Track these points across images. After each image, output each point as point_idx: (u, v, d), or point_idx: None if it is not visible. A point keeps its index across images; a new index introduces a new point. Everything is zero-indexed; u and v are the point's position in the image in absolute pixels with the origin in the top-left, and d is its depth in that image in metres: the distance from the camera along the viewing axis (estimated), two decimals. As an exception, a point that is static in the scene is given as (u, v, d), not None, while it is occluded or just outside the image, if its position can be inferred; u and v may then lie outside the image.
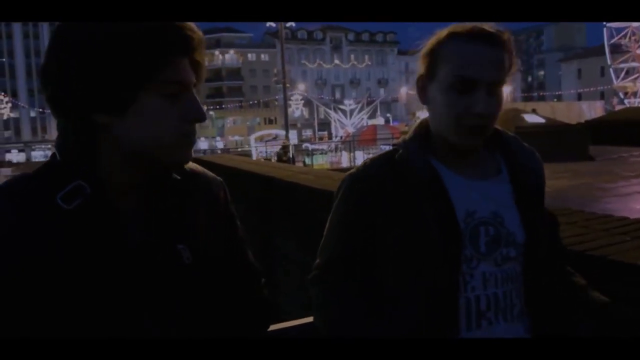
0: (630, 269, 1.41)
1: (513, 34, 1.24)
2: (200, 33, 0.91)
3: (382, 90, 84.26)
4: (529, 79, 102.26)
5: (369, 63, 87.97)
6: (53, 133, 68.60)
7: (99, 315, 0.88)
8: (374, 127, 36.94)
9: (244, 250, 1.17)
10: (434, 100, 1.24)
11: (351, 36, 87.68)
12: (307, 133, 69.00)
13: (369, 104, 47.24)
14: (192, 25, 0.90)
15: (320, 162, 22.66)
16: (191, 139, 0.95)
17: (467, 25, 1.22)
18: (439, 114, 1.24)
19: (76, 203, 0.88)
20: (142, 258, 0.93)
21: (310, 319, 1.38)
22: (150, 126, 0.90)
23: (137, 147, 0.91)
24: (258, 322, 1.18)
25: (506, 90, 1.26)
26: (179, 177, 1.01)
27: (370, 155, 1.36)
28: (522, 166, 1.29)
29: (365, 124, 40.75)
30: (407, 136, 1.31)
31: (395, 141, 1.33)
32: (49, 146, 68.41)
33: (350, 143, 23.45)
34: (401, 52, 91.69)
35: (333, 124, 46.84)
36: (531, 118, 16.70)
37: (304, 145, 31.40)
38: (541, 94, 79.94)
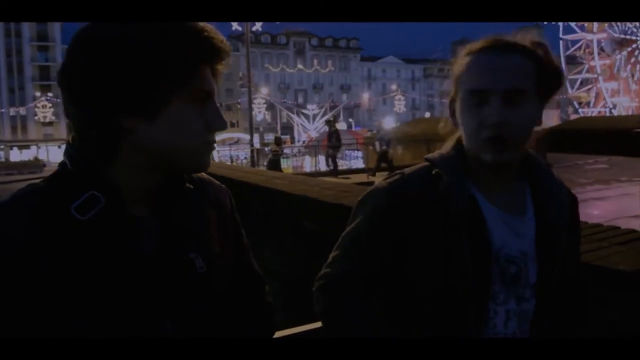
0: (615, 274, 1.48)
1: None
2: (228, 44, 0.92)
3: (344, 96, 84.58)
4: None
5: (332, 68, 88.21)
6: (32, 133, 66.12)
7: (117, 324, 0.87)
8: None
9: (248, 257, 1.17)
10: (459, 120, 1.20)
11: (314, 41, 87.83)
12: (270, 137, 68.75)
13: (331, 109, 47.45)
14: (221, 35, 0.90)
15: (284, 166, 22.58)
16: (212, 147, 0.95)
17: (483, 40, 1.18)
18: (463, 133, 1.19)
19: (91, 213, 0.86)
20: (157, 266, 0.92)
21: (316, 325, 1.38)
22: (177, 132, 0.89)
23: (161, 153, 0.90)
24: (263, 328, 1.18)
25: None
26: (191, 185, 1.01)
27: (405, 170, 1.26)
28: (548, 204, 1.22)
29: (327, 129, 40.82)
30: (444, 151, 1.25)
31: (429, 156, 1.25)
32: (28, 144, 65.97)
33: (315, 148, 23.45)
34: (364, 59, 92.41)
35: (296, 128, 46.84)
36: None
37: (267, 149, 31.29)
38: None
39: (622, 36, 46.37)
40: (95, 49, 0.85)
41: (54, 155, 64.87)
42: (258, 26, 32.84)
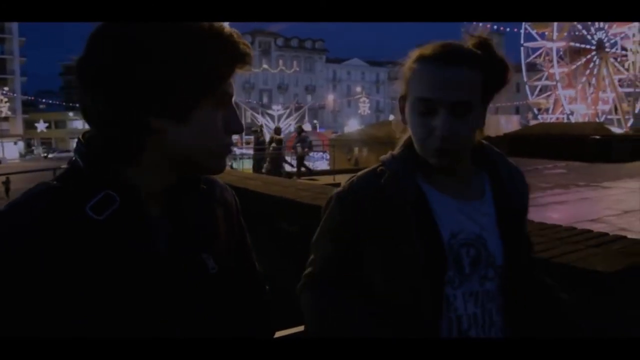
0: (594, 275, 1.55)
1: None
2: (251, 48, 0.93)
3: (309, 97, 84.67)
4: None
5: (297, 69, 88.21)
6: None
7: (131, 324, 0.86)
8: (302, 133, 37.02)
9: (252, 257, 1.18)
10: (408, 121, 1.25)
11: (280, 41, 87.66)
12: (234, 137, 68.14)
13: (297, 109, 47.44)
14: (245, 40, 0.91)
15: (248, 166, 22.42)
16: (230, 150, 0.97)
17: (435, 46, 1.21)
18: (412, 135, 1.25)
19: (107, 213, 0.85)
20: (171, 267, 0.92)
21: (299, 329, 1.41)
22: (203, 134, 0.89)
23: (185, 155, 0.90)
24: (263, 328, 1.19)
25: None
26: (204, 186, 1.02)
27: (357, 174, 1.34)
28: (507, 188, 1.29)
29: (292, 130, 40.80)
30: (394, 152, 1.31)
31: (382, 157, 1.32)
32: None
33: (283, 149, 23.36)
34: (329, 60, 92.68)
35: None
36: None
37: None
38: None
39: (580, 45, 47.87)
40: (133, 48, 0.83)
41: (9, 151, 62.90)
42: (224, 25, 32.45)
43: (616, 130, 24.24)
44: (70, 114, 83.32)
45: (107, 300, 0.84)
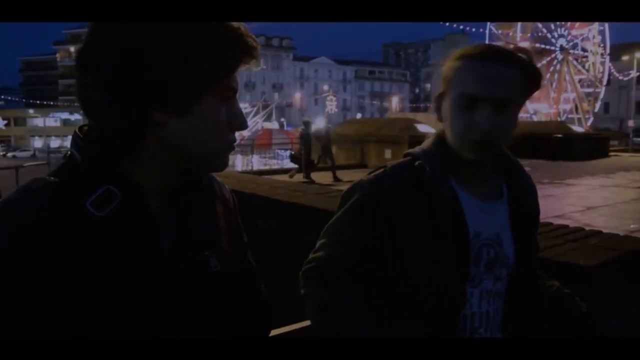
0: (573, 268, 1.59)
1: (402, 47, 1.31)
2: (259, 43, 0.91)
3: (277, 95, 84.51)
4: (417, 90, 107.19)
5: (265, 67, 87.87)
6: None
7: (135, 322, 0.84)
8: (270, 131, 37.06)
9: (249, 256, 1.17)
10: (446, 117, 1.29)
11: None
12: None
13: (264, 107, 47.27)
14: (252, 34, 0.90)
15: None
16: (233, 147, 0.94)
17: (478, 46, 1.27)
18: (450, 130, 1.28)
19: (109, 209, 0.82)
20: (174, 264, 0.90)
21: (299, 325, 1.39)
22: (206, 129, 0.87)
23: (187, 149, 0.88)
24: (261, 326, 1.18)
25: (394, 100, 1.36)
26: (205, 183, 1.00)
27: (388, 164, 1.35)
28: (522, 191, 1.35)
29: (260, 128, 40.70)
30: (425, 146, 1.34)
31: (411, 150, 1.35)
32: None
33: (250, 147, 23.27)
34: (297, 58, 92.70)
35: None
36: (423, 128, 17.57)
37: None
38: (427, 105, 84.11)
39: (542, 46, 48.96)
40: (137, 39, 0.81)
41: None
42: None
43: (577, 129, 24.86)
44: (31, 111, 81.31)
45: (109, 298, 0.82)
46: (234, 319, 1.02)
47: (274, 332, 1.36)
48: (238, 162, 22.94)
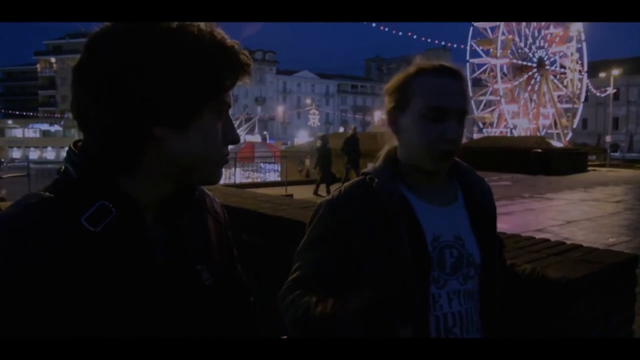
0: (555, 282, 1.61)
1: (384, 62, 1.38)
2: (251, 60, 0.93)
3: (259, 108, 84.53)
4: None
5: (250, 84, 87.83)
6: None
7: (128, 335, 0.83)
8: (252, 144, 36.97)
9: (239, 269, 1.18)
10: (406, 130, 1.35)
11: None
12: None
13: (247, 121, 47.23)
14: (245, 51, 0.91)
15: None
16: (226, 160, 0.96)
17: (431, 62, 1.35)
18: (411, 142, 1.34)
19: (104, 224, 0.82)
20: (167, 278, 0.90)
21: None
22: (204, 143, 0.89)
23: (185, 163, 0.89)
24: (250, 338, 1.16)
25: (377, 114, 1.42)
26: (197, 197, 1.01)
27: (345, 184, 1.46)
28: (477, 193, 1.42)
29: (242, 141, 40.63)
30: (377, 164, 1.42)
31: (365, 170, 1.43)
32: None
33: (233, 160, 23.18)
34: (279, 72, 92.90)
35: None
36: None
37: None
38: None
39: (522, 62, 49.75)
40: (138, 54, 0.82)
41: None
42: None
43: (556, 144, 25.26)
44: (9, 121, 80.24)
45: (103, 311, 0.82)
46: (224, 332, 1.02)
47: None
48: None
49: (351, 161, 13.89)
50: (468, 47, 49.82)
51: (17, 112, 71.42)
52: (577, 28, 49.01)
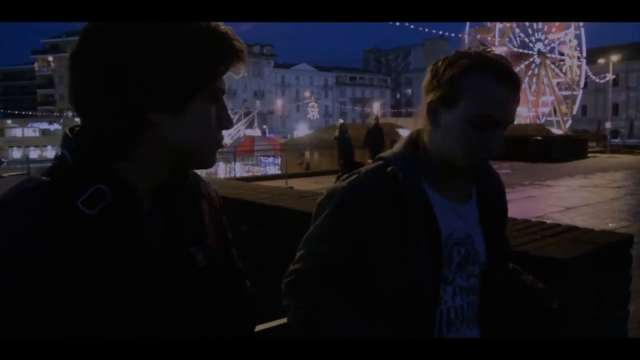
0: (550, 261, 1.64)
1: (382, 54, 1.32)
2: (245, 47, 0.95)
3: (258, 102, 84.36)
4: (398, 95, 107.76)
5: (246, 74, 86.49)
6: None
7: (127, 320, 0.86)
8: (252, 138, 36.96)
9: (234, 254, 1.19)
10: (448, 127, 1.26)
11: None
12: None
13: (245, 115, 47.14)
14: (240, 38, 0.93)
15: (197, 171, 21.98)
16: (221, 145, 0.98)
17: (493, 58, 1.24)
18: (449, 139, 1.26)
19: (99, 207, 0.84)
20: (162, 260, 0.92)
21: (282, 321, 1.42)
22: (199, 128, 0.91)
23: (180, 149, 0.91)
24: (246, 321, 1.19)
25: (376, 105, 1.37)
26: (191, 182, 1.03)
27: (362, 169, 1.36)
28: (491, 189, 1.38)
29: (242, 135, 40.57)
30: (396, 150, 1.34)
31: (383, 154, 1.35)
32: None
33: (233, 154, 23.17)
34: (278, 65, 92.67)
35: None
36: (404, 132, 17.78)
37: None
38: (409, 110, 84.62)
39: (521, 50, 49.63)
40: (132, 40, 0.84)
41: None
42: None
43: (556, 131, 25.23)
44: (9, 121, 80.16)
45: (99, 294, 0.83)
46: (220, 314, 1.04)
47: (258, 328, 1.39)
48: (221, 170, 22.82)
49: (374, 157, 13.49)
50: (466, 36, 49.65)
51: (16, 112, 71.30)
52: (575, 14, 48.64)
